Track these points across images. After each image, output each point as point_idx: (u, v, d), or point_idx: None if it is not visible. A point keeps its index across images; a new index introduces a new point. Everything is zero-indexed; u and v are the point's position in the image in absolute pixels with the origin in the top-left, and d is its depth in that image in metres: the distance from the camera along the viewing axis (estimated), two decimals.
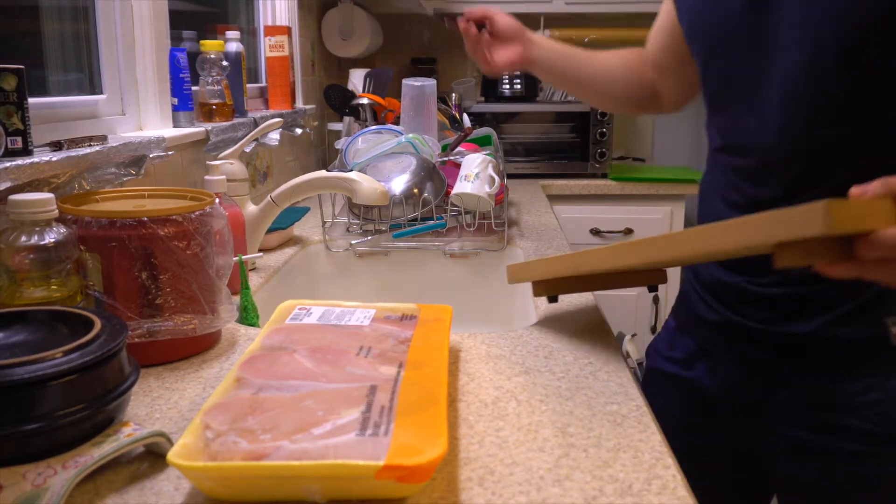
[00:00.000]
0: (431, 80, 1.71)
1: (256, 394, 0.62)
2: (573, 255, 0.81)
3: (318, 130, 2.42)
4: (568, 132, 2.63)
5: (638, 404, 0.72)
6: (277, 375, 0.66)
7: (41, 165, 0.88)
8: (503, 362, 0.83)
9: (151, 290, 0.78)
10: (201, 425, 0.57)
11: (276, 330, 0.77)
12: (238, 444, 0.54)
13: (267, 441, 0.55)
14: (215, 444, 0.55)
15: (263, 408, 0.60)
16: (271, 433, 0.56)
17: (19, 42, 1.17)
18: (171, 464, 0.53)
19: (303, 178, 1.18)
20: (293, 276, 1.36)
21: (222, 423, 0.57)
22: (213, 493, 0.56)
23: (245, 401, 0.61)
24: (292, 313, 0.82)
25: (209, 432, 0.56)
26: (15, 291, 0.74)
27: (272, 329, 0.77)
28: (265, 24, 2.10)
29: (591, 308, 1.02)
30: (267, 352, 0.71)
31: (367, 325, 0.79)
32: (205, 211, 0.82)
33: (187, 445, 0.55)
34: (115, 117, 1.27)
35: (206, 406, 0.60)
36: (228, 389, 0.63)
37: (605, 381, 0.78)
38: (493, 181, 1.45)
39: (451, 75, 2.98)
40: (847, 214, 0.50)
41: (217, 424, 0.57)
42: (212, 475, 0.54)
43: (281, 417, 0.58)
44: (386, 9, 2.73)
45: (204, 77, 1.51)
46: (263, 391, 0.63)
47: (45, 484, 0.55)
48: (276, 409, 0.59)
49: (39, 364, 0.57)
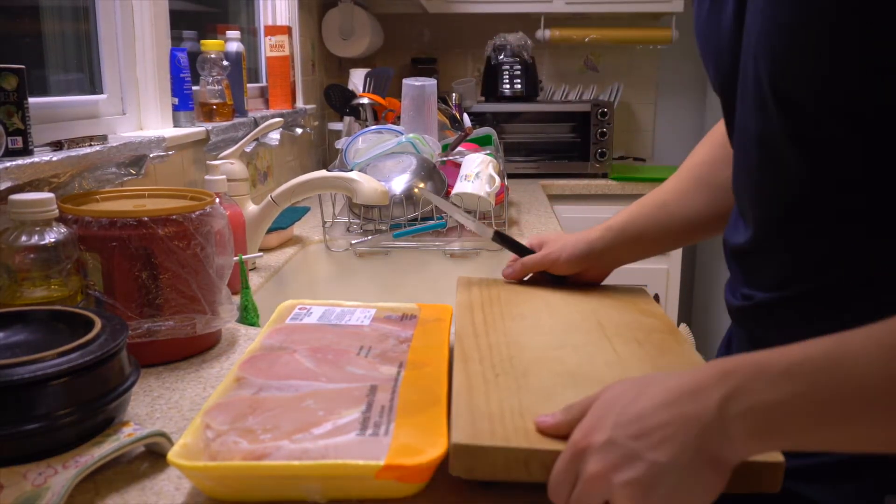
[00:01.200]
0: (432, 79, 1.71)
1: (257, 394, 0.62)
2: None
3: (318, 130, 2.42)
4: (568, 132, 2.63)
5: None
6: (278, 375, 0.66)
7: (41, 165, 0.88)
8: None
9: (151, 290, 0.78)
10: (202, 425, 0.57)
11: (276, 330, 0.77)
12: (238, 444, 0.54)
13: (267, 441, 0.55)
14: (216, 444, 0.55)
15: (264, 408, 0.60)
16: (272, 433, 0.56)
17: (19, 42, 1.17)
18: (172, 464, 0.53)
19: (303, 177, 1.18)
20: (293, 276, 1.36)
21: (223, 422, 0.57)
22: (213, 493, 0.56)
23: (245, 401, 0.61)
24: (292, 313, 0.82)
25: (209, 432, 0.56)
26: (15, 291, 0.75)
27: (272, 329, 0.77)
28: (265, 23, 2.10)
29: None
30: (267, 352, 0.71)
31: (368, 325, 0.79)
32: (205, 211, 0.82)
33: (188, 445, 0.55)
34: (116, 117, 1.27)
35: (206, 406, 0.60)
36: (229, 389, 0.63)
37: None
38: (494, 181, 1.45)
39: (451, 75, 2.98)
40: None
41: (217, 424, 0.57)
42: (212, 475, 0.54)
43: (281, 417, 0.58)
44: (386, 9, 2.73)
45: (204, 77, 1.51)
46: (264, 391, 0.63)
47: (46, 484, 0.55)
48: (277, 408, 0.60)
49: (40, 364, 0.57)
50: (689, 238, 0.89)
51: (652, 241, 0.87)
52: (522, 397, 0.59)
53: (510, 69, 2.70)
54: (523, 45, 2.72)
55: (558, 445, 0.52)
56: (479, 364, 0.65)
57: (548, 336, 0.72)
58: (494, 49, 2.75)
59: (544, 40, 2.78)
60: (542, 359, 0.67)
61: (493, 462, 0.52)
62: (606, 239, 0.86)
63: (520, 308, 0.80)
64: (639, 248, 0.87)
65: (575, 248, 0.86)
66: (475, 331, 0.73)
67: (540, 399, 0.59)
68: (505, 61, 2.71)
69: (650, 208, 0.88)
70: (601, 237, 0.86)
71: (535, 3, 2.70)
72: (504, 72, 2.70)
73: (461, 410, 0.56)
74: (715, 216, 0.84)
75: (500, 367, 0.64)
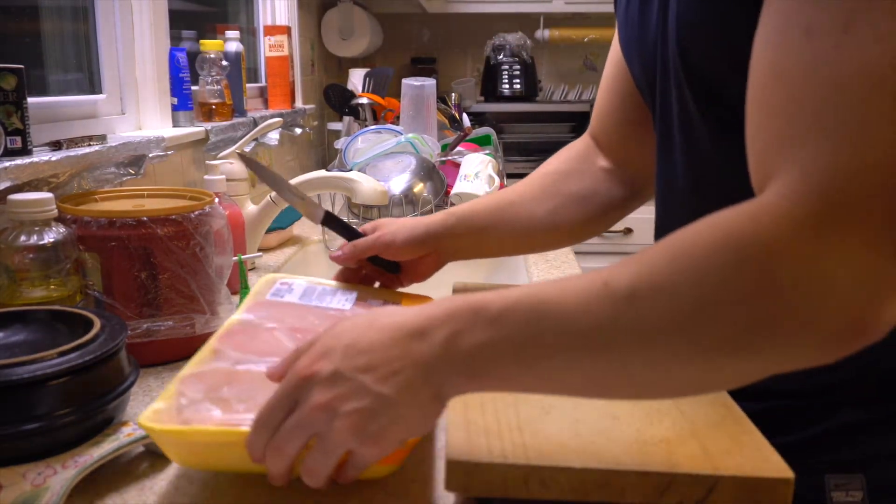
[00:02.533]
0: (431, 79, 1.71)
1: (233, 366, 0.61)
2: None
3: (317, 130, 2.42)
4: (568, 132, 2.63)
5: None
6: (256, 351, 0.64)
7: (40, 165, 0.88)
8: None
9: (151, 290, 0.78)
10: (176, 392, 0.56)
11: (257, 304, 0.75)
12: (211, 412, 0.54)
13: (241, 411, 0.54)
14: (188, 411, 0.54)
15: (240, 381, 0.59)
16: (246, 404, 0.55)
17: (19, 42, 1.17)
18: (142, 427, 0.52)
19: (303, 177, 1.18)
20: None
21: (197, 391, 0.57)
22: (184, 461, 0.56)
23: (221, 372, 0.60)
24: (273, 288, 0.79)
25: (183, 399, 0.56)
26: (14, 291, 0.74)
27: (253, 303, 0.75)
28: (265, 23, 2.10)
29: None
30: (246, 326, 0.70)
31: (349, 310, 0.77)
32: (204, 211, 0.82)
33: (159, 411, 0.54)
34: (115, 117, 1.27)
35: (181, 374, 0.59)
36: (205, 360, 0.62)
37: None
38: (493, 181, 1.45)
39: (450, 75, 2.98)
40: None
41: (192, 392, 0.56)
42: (182, 440, 0.53)
43: (257, 390, 0.57)
44: (385, 9, 2.73)
45: (204, 77, 1.51)
46: (241, 364, 0.62)
47: (45, 484, 0.55)
48: (253, 382, 0.58)
49: (39, 364, 0.57)
50: (529, 244, 0.87)
51: (494, 238, 0.83)
52: (520, 409, 0.57)
53: (509, 69, 2.71)
54: (522, 45, 2.73)
55: (558, 462, 0.50)
56: None
57: None
58: (494, 49, 2.75)
59: (543, 40, 2.78)
60: None
61: (490, 479, 0.50)
62: (447, 224, 0.80)
63: None
64: (480, 241, 0.83)
65: (412, 231, 0.79)
66: None
67: (538, 412, 0.57)
68: (504, 61, 2.71)
69: (496, 203, 0.84)
70: (442, 222, 0.80)
71: (535, 3, 2.70)
72: (503, 72, 2.71)
73: (457, 424, 0.54)
74: (556, 227, 0.83)
75: None
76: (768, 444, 0.53)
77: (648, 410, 0.57)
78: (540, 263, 1.29)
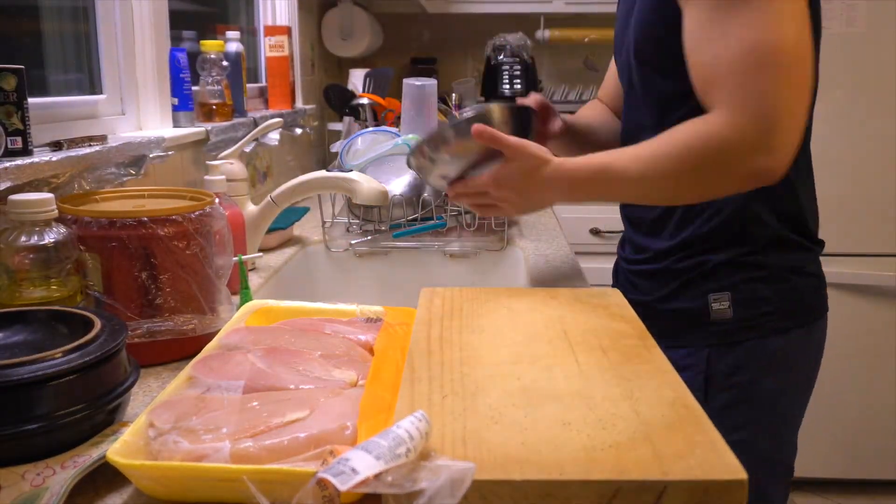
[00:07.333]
0: (432, 79, 1.71)
1: (204, 393, 0.62)
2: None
3: (317, 130, 2.42)
4: None
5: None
6: (227, 375, 0.65)
7: (41, 165, 0.88)
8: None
9: (151, 290, 0.78)
10: (145, 423, 0.57)
11: (235, 330, 0.76)
12: (179, 444, 0.54)
13: (208, 442, 0.54)
14: (156, 444, 0.55)
15: (209, 408, 0.59)
16: (213, 433, 0.55)
17: (19, 42, 1.17)
18: (110, 461, 0.53)
19: (303, 178, 1.18)
20: (293, 276, 1.36)
21: (166, 421, 0.57)
22: (153, 492, 0.56)
23: (191, 400, 0.61)
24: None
25: (152, 431, 0.56)
26: (15, 291, 0.75)
27: (232, 329, 0.76)
28: (265, 24, 2.10)
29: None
30: (223, 351, 0.71)
31: (329, 328, 0.78)
32: (204, 211, 0.82)
33: (128, 443, 0.55)
34: (115, 117, 1.27)
35: (153, 404, 0.60)
36: (179, 388, 0.63)
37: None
38: None
39: (451, 75, 2.98)
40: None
41: (161, 423, 0.57)
42: (150, 475, 0.54)
43: (225, 418, 0.57)
44: (385, 9, 2.73)
45: (204, 77, 1.51)
46: (212, 391, 0.62)
47: (45, 484, 0.55)
48: (222, 409, 0.59)
49: (39, 364, 0.57)
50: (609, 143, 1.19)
51: (597, 133, 1.24)
52: (468, 421, 0.56)
53: (510, 69, 2.70)
54: (523, 45, 2.72)
55: (497, 475, 0.48)
56: (428, 385, 0.62)
57: (508, 348, 0.69)
58: (494, 49, 2.74)
59: (544, 40, 2.78)
60: (495, 375, 0.64)
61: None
62: (569, 119, 1.22)
63: (480, 320, 0.77)
64: (589, 131, 1.24)
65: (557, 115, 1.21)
66: (429, 348, 0.70)
67: (486, 422, 0.55)
68: (504, 61, 2.71)
69: (597, 109, 1.30)
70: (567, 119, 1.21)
71: (535, 3, 2.70)
72: (504, 72, 2.70)
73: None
74: (615, 136, 1.20)
75: (450, 387, 0.61)
76: (724, 444, 0.52)
77: (602, 415, 0.56)
78: (540, 263, 1.29)
